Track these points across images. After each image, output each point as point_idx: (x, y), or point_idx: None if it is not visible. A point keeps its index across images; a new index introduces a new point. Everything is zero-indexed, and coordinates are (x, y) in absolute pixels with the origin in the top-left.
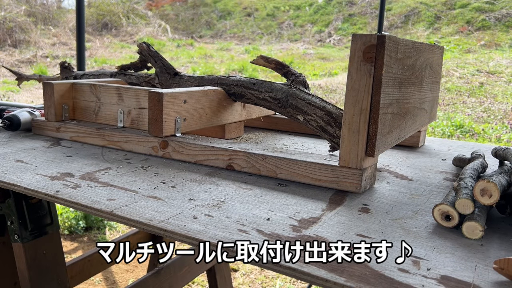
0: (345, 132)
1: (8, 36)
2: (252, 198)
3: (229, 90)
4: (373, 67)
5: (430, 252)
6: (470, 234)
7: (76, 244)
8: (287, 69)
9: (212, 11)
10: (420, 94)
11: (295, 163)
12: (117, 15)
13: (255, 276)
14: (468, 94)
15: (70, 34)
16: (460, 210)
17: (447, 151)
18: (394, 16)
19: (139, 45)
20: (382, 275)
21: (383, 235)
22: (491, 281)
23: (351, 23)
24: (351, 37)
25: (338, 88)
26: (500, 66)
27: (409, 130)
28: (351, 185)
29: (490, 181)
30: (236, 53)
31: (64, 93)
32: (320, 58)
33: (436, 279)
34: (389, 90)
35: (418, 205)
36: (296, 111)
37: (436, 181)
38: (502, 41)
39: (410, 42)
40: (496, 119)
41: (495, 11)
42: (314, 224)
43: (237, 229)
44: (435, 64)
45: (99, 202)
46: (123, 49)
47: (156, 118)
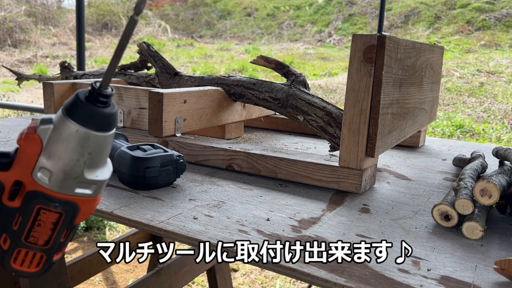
0: (345, 133)
1: (8, 36)
2: (252, 198)
3: (229, 90)
4: (373, 67)
5: (430, 253)
6: (470, 234)
7: (76, 244)
8: (287, 69)
9: (212, 11)
10: (420, 94)
11: (295, 163)
12: (117, 15)
13: (255, 276)
14: (468, 94)
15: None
16: (460, 210)
17: (447, 151)
18: (394, 16)
19: (139, 45)
20: (382, 276)
21: (383, 235)
22: (491, 282)
23: (351, 23)
24: (351, 37)
25: (338, 88)
26: (500, 66)
27: (409, 130)
28: (351, 186)
29: (490, 181)
30: (236, 53)
31: (64, 93)
32: (320, 58)
33: (436, 280)
34: (389, 90)
35: (418, 205)
36: (296, 111)
37: (436, 181)
38: (502, 41)
39: (410, 42)
40: (496, 119)
41: (495, 11)
42: (314, 225)
43: (237, 230)
44: (435, 64)
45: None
46: None
47: (156, 118)
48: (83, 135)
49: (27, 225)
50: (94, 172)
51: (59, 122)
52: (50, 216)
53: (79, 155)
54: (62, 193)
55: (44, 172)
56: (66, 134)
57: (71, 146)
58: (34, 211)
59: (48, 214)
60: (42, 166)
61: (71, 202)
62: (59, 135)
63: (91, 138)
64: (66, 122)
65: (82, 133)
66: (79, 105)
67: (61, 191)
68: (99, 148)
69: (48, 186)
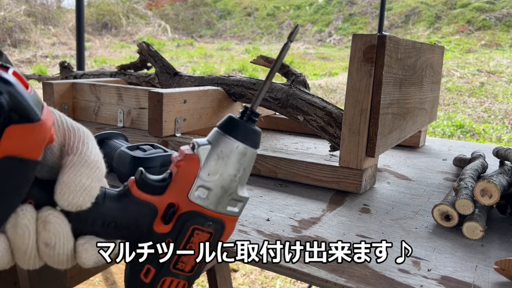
0: (345, 133)
1: (7, 36)
2: (252, 198)
3: (229, 90)
4: (374, 67)
5: (431, 253)
6: (471, 234)
7: None
8: (287, 69)
9: (212, 10)
10: (421, 94)
11: (295, 163)
12: (117, 15)
13: (255, 277)
14: (468, 94)
15: (70, 34)
16: (460, 210)
17: (448, 151)
18: (395, 16)
19: (139, 45)
20: (382, 276)
21: (384, 235)
22: (492, 282)
23: (351, 23)
24: (352, 37)
25: (338, 88)
26: (501, 66)
27: (410, 130)
28: (351, 186)
29: (490, 181)
30: (236, 53)
31: (64, 93)
32: (320, 58)
33: (437, 280)
34: (389, 90)
35: (419, 205)
36: (296, 111)
37: (436, 181)
38: (502, 41)
39: (411, 42)
40: (496, 119)
41: (496, 11)
42: (314, 225)
43: (237, 230)
44: (436, 64)
45: None
46: (123, 49)
47: (156, 118)
48: (242, 150)
49: (179, 248)
50: (242, 189)
51: (218, 141)
52: (202, 236)
53: (236, 170)
54: (217, 211)
55: (202, 191)
56: (227, 150)
57: (230, 162)
58: (189, 232)
59: (200, 234)
60: (201, 185)
61: (221, 220)
62: (220, 152)
63: (247, 153)
64: (225, 139)
65: (241, 149)
66: (237, 124)
67: (216, 208)
68: (250, 164)
69: (204, 204)
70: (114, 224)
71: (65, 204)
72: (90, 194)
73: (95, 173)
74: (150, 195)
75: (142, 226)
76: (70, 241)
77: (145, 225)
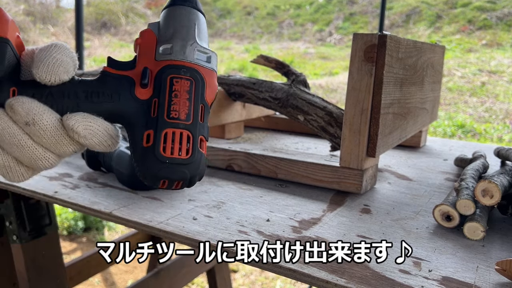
0: (346, 133)
1: None
2: (252, 198)
3: (229, 90)
4: (374, 67)
5: (431, 253)
6: (472, 234)
7: (75, 244)
8: (287, 68)
9: (212, 10)
10: (422, 94)
11: (295, 163)
12: (116, 14)
13: (255, 277)
14: (469, 93)
15: (69, 33)
16: (461, 210)
17: (449, 151)
18: (395, 15)
19: None
20: (383, 277)
21: (384, 236)
22: (493, 282)
23: (352, 22)
24: (352, 36)
25: (339, 87)
26: (502, 66)
27: (411, 130)
28: (352, 186)
29: (491, 181)
30: (236, 52)
31: None
32: (321, 58)
33: (438, 280)
34: (390, 90)
35: (420, 205)
36: (297, 111)
37: (437, 181)
38: (503, 41)
39: (412, 41)
40: (497, 119)
41: (497, 10)
42: (315, 225)
43: (237, 230)
44: (437, 64)
45: (98, 203)
46: (122, 48)
47: None
48: (185, 9)
49: (165, 99)
50: (205, 44)
51: (164, 15)
52: (183, 84)
53: (187, 22)
54: (187, 60)
55: (164, 47)
56: (173, 13)
57: (179, 19)
58: (168, 82)
59: (180, 82)
60: (161, 44)
61: (195, 69)
62: (167, 17)
63: (191, 11)
64: (168, 9)
65: (184, 8)
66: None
67: (185, 58)
68: (200, 20)
69: (172, 57)
70: (97, 95)
71: (43, 77)
72: (64, 66)
73: (66, 51)
74: (123, 71)
75: (123, 93)
76: (48, 113)
77: (126, 91)
